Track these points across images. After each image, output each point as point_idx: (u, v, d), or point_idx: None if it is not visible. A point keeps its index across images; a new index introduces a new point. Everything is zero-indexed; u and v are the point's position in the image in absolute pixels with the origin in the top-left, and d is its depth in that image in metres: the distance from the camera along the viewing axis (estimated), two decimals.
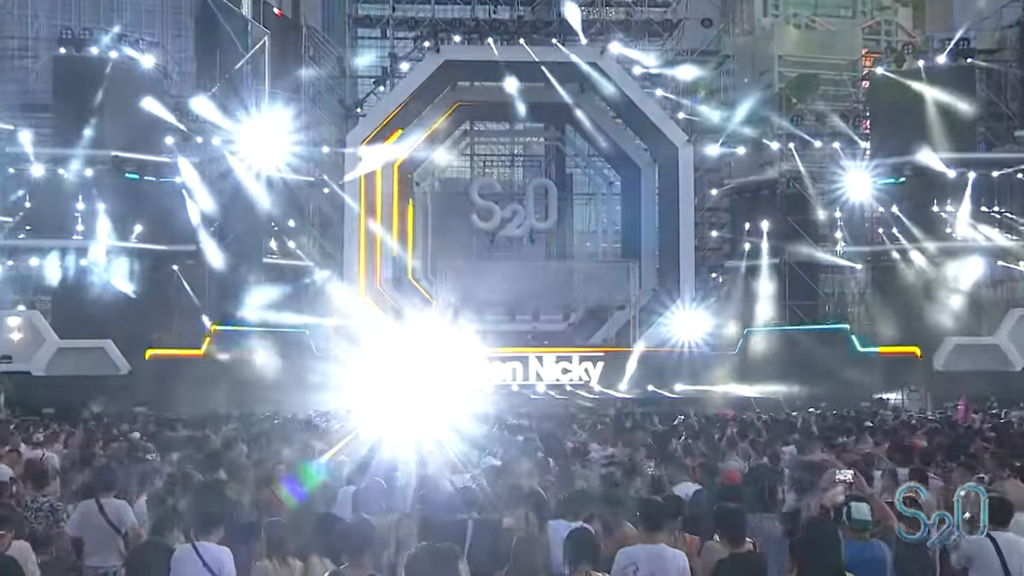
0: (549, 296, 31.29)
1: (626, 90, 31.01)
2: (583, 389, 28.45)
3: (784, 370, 27.50)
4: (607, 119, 33.81)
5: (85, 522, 7.71)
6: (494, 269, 31.36)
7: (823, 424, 16.64)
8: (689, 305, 30.53)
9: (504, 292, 30.15)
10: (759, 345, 29.15)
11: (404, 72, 32.25)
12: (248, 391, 25.58)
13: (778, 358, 28.19)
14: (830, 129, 31.37)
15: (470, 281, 30.22)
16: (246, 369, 25.89)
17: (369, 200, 31.08)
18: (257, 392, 25.12)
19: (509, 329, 31.88)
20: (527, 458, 9.54)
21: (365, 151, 30.47)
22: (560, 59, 30.83)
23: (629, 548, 5.78)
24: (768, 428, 15.28)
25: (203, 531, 5.98)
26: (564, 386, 28.55)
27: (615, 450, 11.57)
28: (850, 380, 26.42)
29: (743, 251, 31.39)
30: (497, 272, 30.89)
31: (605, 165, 37.45)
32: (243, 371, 25.86)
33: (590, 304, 32.46)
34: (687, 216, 31.50)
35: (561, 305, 32.64)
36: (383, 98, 32.55)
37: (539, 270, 32.52)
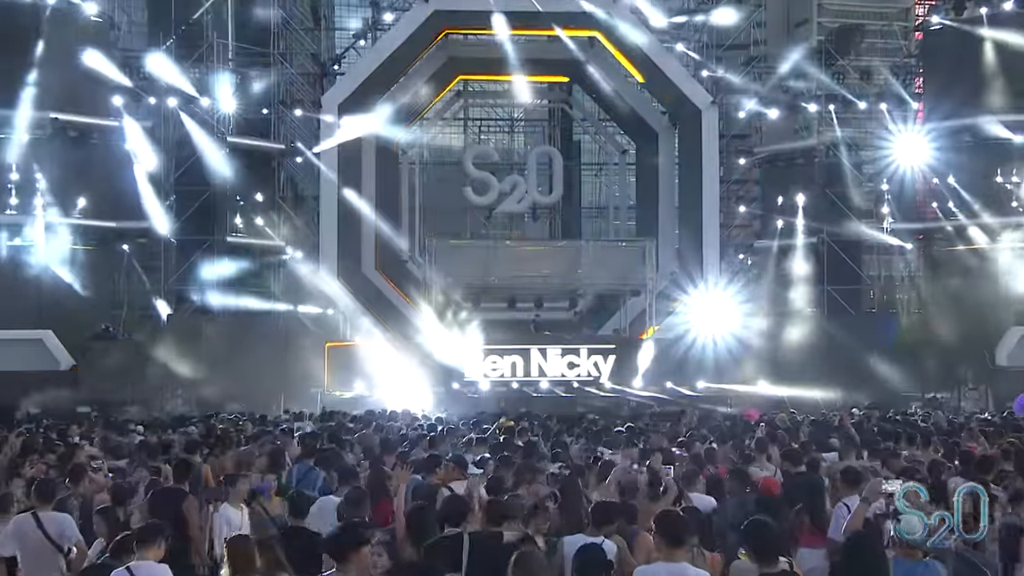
0: (554, 281, 31.13)
1: (642, 44, 30.88)
2: (592, 386, 28.47)
3: (822, 365, 27.47)
4: (620, 77, 33.62)
5: (20, 539, 7.64)
6: (491, 250, 31.25)
7: (867, 427, 16.65)
8: (713, 291, 30.43)
9: (502, 276, 30.13)
10: (794, 336, 29.05)
11: (388, 24, 32.08)
12: (211, 388, 25.71)
13: (815, 351, 28.12)
14: (877, 88, 31.28)
15: (463, 264, 30.15)
16: (207, 364, 25.88)
17: (348, 171, 30.96)
18: (221, 389, 25.19)
19: (508, 318, 31.80)
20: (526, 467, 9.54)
21: (343, 115, 30.37)
22: (567, 8, 30.68)
23: (647, 567, 5.85)
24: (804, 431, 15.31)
25: (143, 545, 5.97)
26: (571, 382, 28.55)
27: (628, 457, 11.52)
28: (898, 376, 26.48)
29: (775, 229, 31.35)
30: (494, 253, 30.80)
31: (617, 130, 37.23)
32: (204, 366, 25.86)
33: (600, 290, 32.35)
34: (711, 189, 31.41)
35: (567, 291, 32.53)
36: (364, 54, 32.40)
37: (542, 251, 32.38)
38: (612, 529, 6.89)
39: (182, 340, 26.60)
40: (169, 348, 26.35)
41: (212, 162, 28.73)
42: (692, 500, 8.66)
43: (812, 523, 8.21)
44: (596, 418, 20.20)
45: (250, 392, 25.12)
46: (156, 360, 25.86)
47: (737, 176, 34.16)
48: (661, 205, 33.76)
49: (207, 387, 25.63)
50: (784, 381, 27.56)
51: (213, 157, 28.78)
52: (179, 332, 27.10)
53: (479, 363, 28.08)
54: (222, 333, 27.12)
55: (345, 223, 30.87)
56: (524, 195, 34.18)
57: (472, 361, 27.83)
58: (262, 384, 25.54)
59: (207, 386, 25.62)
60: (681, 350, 29.30)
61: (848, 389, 26.28)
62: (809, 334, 28.74)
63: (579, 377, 28.75)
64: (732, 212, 34.31)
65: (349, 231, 31.18)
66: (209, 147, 28.79)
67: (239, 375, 25.22)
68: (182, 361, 26.14)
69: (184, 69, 28.70)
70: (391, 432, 15.73)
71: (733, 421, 19.17)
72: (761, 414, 20.80)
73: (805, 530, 8.22)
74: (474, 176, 33.79)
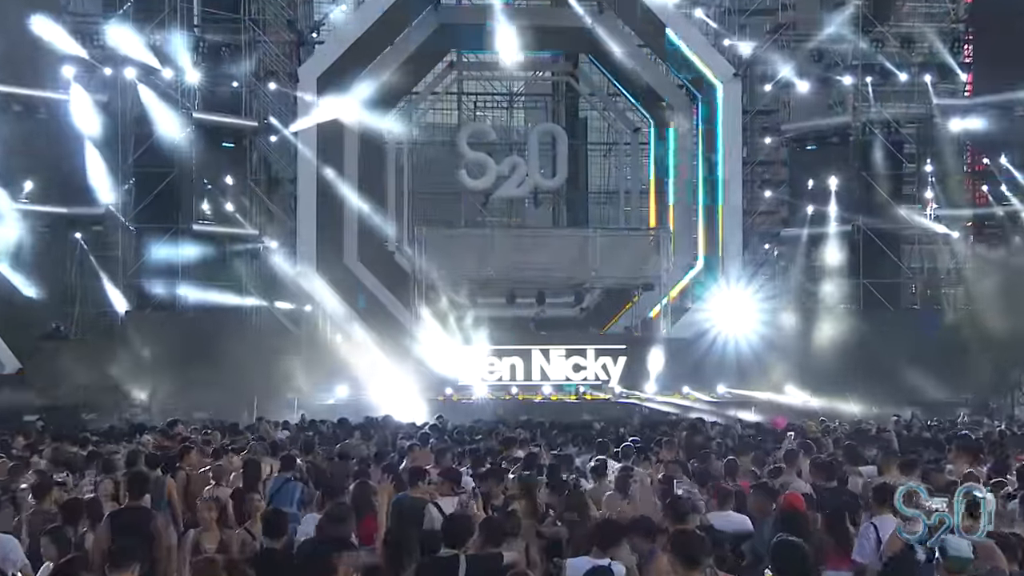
0: (558, 274, 31.15)
1: (657, 8, 30.77)
2: (601, 391, 28.56)
3: (857, 368, 27.45)
4: (633, 47, 33.54)
5: None
6: (488, 239, 31.23)
7: (908, 436, 16.62)
8: (735, 285, 30.52)
9: (500, 269, 30.15)
10: (825, 336, 28.99)
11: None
12: (175, 394, 25.76)
13: (850, 352, 28.02)
14: (920, 58, 31.10)
15: (457, 255, 30.19)
16: (170, 367, 25.87)
17: (329, 151, 30.92)
18: (185, 395, 25.23)
19: (507, 315, 31.84)
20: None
21: (323, 89, 30.28)
22: None
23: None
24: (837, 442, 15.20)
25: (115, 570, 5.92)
26: (576, 387, 28.62)
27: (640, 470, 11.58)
28: (944, 381, 26.48)
29: (805, 216, 31.24)
30: (491, 243, 30.77)
31: (629, 106, 37.18)
32: (166, 369, 25.87)
33: (609, 284, 32.46)
34: (734, 171, 31.42)
35: (573, 285, 32.54)
36: (345, 20, 32.30)
37: (545, 241, 32.34)
38: (621, 550, 6.88)
39: (142, 340, 26.56)
40: (127, 349, 26.36)
41: (176, 141, 28.67)
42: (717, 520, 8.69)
43: (838, 544, 8.20)
44: (605, 426, 20.22)
45: (218, 398, 25.03)
46: (113, 362, 25.78)
47: (762, 157, 33.99)
48: (677, 189, 33.79)
49: (170, 393, 25.63)
50: (815, 386, 27.66)
51: (177, 135, 28.70)
52: (139, 331, 27.03)
53: (474, 366, 28.01)
54: (187, 332, 27.07)
55: (325, 209, 30.78)
56: (525, 178, 34.17)
57: (466, 364, 27.75)
58: (232, 389, 25.46)
59: (170, 391, 25.62)
60: (700, 351, 29.38)
61: (887, 394, 26.23)
62: (843, 333, 28.66)
63: (586, 381, 28.92)
64: (757, 197, 34.16)
65: (329, 218, 31.10)
66: (172, 124, 28.66)
67: (206, 379, 25.08)
68: (142, 363, 26.12)
69: (144, 36, 28.49)
70: (379, 440, 15.69)
71: (758, 430, 19.16)
72: (789, 423, 20.75)
73: (831, 552, 8.22)
74: (469, 157, 33.74)
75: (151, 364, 26.15)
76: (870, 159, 30.41)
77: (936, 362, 26.70)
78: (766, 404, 26.79)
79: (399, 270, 33.28)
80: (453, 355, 27.48)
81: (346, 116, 31.29)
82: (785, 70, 31.33)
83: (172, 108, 28.80)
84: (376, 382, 26.58)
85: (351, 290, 31.11)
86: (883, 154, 30.25)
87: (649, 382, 28.24)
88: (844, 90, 31.26)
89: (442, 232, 31.38)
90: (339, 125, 31.19)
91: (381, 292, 32.22)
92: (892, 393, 26.28)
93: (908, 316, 31.06)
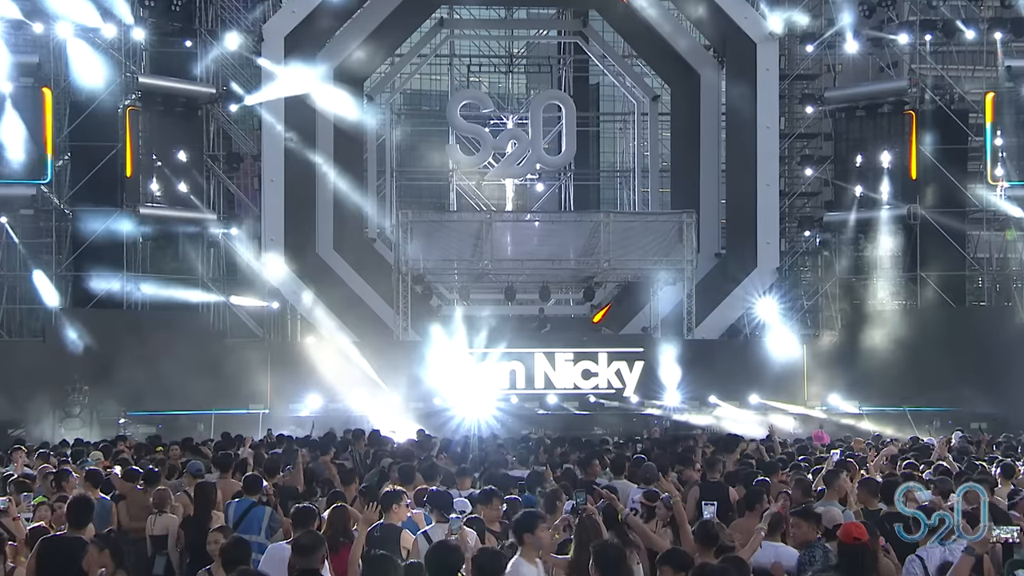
0: (564, 265, 30.94)
1: None
2: (614, 400, 28.47)
3: (914, 374, 27.36)
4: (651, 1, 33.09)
5: None
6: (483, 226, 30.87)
7: (978, 453, 16.60)
8: (771, 277, 30.40)
9: (498, 260, 30.04)
10: (876, 338, 28.80)
11: None
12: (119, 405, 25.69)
13: (905, 356, 27.86)
14: (988, 12, 30.90)
15: (447, 243, 30.02)
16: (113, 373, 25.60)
17: (299, 123, 30.76)
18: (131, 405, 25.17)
19: (506, 313, 31.77)
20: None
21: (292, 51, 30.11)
22: None
23: None
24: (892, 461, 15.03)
25: None
26: (586, 396, 28.49)
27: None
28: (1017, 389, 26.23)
29: (852, 197, 31.10)
30: (487, 230, 30.44)
31: (647, 71, 37.10)
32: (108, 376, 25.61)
33: (624, 276, 32.26)
34: (768, 145, 31.26)
35: (582, 278, 32.34)
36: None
37: (549, 227, 32.17)
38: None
39: (79, 341, 26.37)
40: (63, 352, 26.15)
41: (118, 109, 28.41)
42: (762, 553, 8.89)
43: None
44: (619, 440, 20.20)
45: (168, 409, 25.11)
46: (46, 367, 25.63)
47: (803, 128, 33.84)
48: (703, 167, 33.56)
49: (113, 404, 25.44)
50: (864, 395, 27.66)
51: (120, 103, 28.43)
52: (77, 331, 26.75)
53: (468, 372, 27.79)
54: (133, 333, 26.89)
55: (295, 190, 30.66)
56: (526, 154, 34.09)
57: (459, 369, 27.54)
58: (185, 399, 25.51)
59: (113, 402, 25.41)
60: (729, 355, 29.43)
61: (948, 405, 26.24)
62: (897, 334, 28.54)
63: (597, 390, 28.75)
64: (796, 176, 34.04)
65: (300, 201, 30.97)
66: (115, 91, 28.41)
67: (155, 388, 25.11)
68: (79, 369, 25.96)
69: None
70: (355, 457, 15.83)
71: (802, 447, 18.96)
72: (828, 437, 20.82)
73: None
74: (462, 130, 33.76)
75: (90, 370, 25.97)
76: (929, 131, 30.25)
77: (1006, 368, 26.61)
78: (807, 416, 26.95)
79: (380, 261, 33.21)
80: (441, 359, 27.22)
81: (318, 83, 31.01)
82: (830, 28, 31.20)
83: (114, 71, 28.49)
84: (351, 390, 26.52)
85: (325, 284, 30.86)
86: (945, 125, 30.10)
87: (670, 391, 27.95)
88: (899, 50, 31.03)
89: (430, 217, 31.20)
90: (310, 93, 30.90)
91: (359, 286, 32.01)
92: (954, 403, 26.27)
93: (974, 315, 30.95)
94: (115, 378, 25.47)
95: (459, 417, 25.11)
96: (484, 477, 13.08)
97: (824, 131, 33.96)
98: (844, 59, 32.48)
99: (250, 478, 11.85)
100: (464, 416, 25.11)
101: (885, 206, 30.51)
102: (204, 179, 30.68)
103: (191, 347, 26.35)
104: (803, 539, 9.01)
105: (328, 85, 31.54)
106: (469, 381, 27.43)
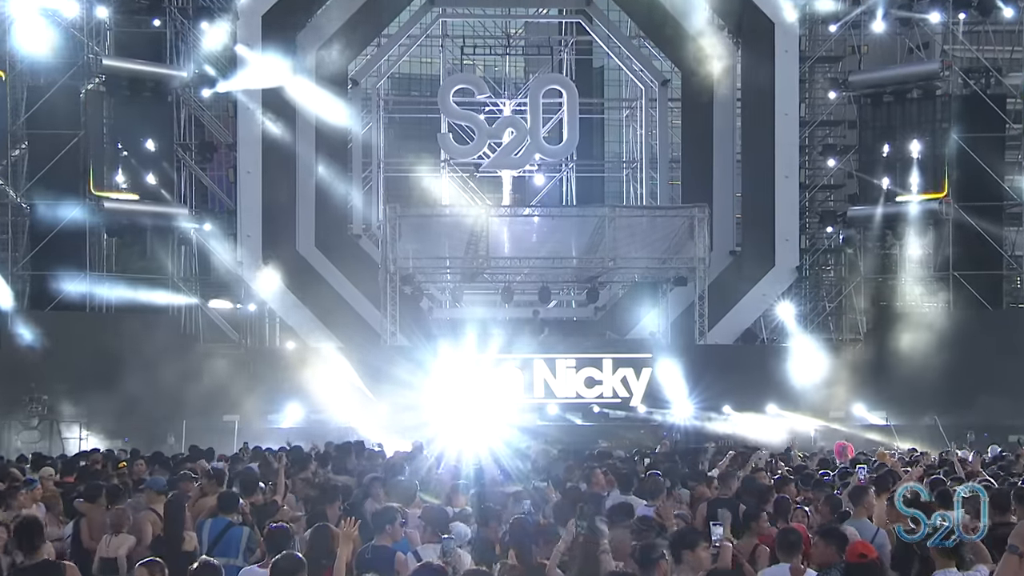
0: (566, 264, 31.01)
1: None
2: (620, 410, 28.42)
3: (946, 382, 27.31)
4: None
5: None
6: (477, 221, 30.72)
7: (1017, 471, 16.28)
8: (789, 277, 30.48)
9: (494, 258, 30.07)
10: (905, 342, 28.73)
11: None
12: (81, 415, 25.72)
13: (936, 362, 27.75)
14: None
15: (438, 240, 29.99)
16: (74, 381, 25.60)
17: (278, 109, 30.77)
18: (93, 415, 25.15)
19: (502, 316, 31.96)
20: None
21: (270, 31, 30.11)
22: None
23: None
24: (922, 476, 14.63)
25: None
26: (590, 406, 28.46)
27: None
28: None
29: (879, 191, 31.10)
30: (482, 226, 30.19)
31: (656, 53, 37.12)
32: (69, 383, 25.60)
33: (630, 276, 32.35)
34: (788, 134, 31.30)
35: (585, 278, 32.32)
36: None
37: (549, 222, 32.16)
38: None
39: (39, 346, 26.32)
40: (20, 358, 26.08)
41: (81, 95, 28.37)
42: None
43: None
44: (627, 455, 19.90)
45: (136, 420, 24.94)
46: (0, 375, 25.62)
47: (825, 115, 33.83)
48: (717, 158, 33.61)
49: (74, 414, 25.42)
50: (891, 406, 27.62)
51: (82, 87, 28.37)
52: (35, 335, 26.68)
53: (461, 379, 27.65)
54: (97, 337, 26.97)
55: (273, 183, 30.67)
56: (524, 144, 34.16)
57: (451, 376, 27.47)
58: (153, 409, 25.48)
59: (74, 413, 25.38)
60: (744, 362, 29.46)
61: (984, 416, 26.09)
62: (927, 339, 28.41)
63: (601, 399, 28.68)
64: (817, 167, 34.10)
65: (279, 194, 31.01)
66: (76, 73, 28.37)
67: (120, 396, 25.00)
68: (37, 376, 25.92)
69: None
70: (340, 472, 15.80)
71: (824, 460, 19.02)
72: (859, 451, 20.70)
73: None
74: (454, 117, 33.81)
75: (49, 377, 25.94)
76: (963, 118, 30.21)
77: None
78: (828, 427, 26.96)
79: (366, 259, 33.32)
80: (431, 365, 27.27)
81: (301, 64, 31.22)
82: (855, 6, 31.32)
83: (76, 52, 28.48)
84: (334, 398, 26.52)
85: (307, 284, 30.93)
86: (980, 111, 30.04)
87: (680, 401, 27.87)
88: (930, 30, 31.06)
89: (420, 212, 31.14)
90: (290, 77, 30.98)
91: (343, 287, 32.13)
92: (990, 416, 26.15)
93: (1011, 318, 30.96)
94: (77, 387, 25.52)
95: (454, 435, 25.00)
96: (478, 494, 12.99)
97: (848, 118, 34.00)
98: (870, 40, 32.53)
99: (225, 495, 11.74)
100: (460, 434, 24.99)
101: (915, 199, 30.47)
102: (174, 170, 30.67)
103: (160, 353, 26.25)
104: (823, 561, 9.00)
105: (310, 69, 31.67)
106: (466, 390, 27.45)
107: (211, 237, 30.44)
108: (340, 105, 33.51)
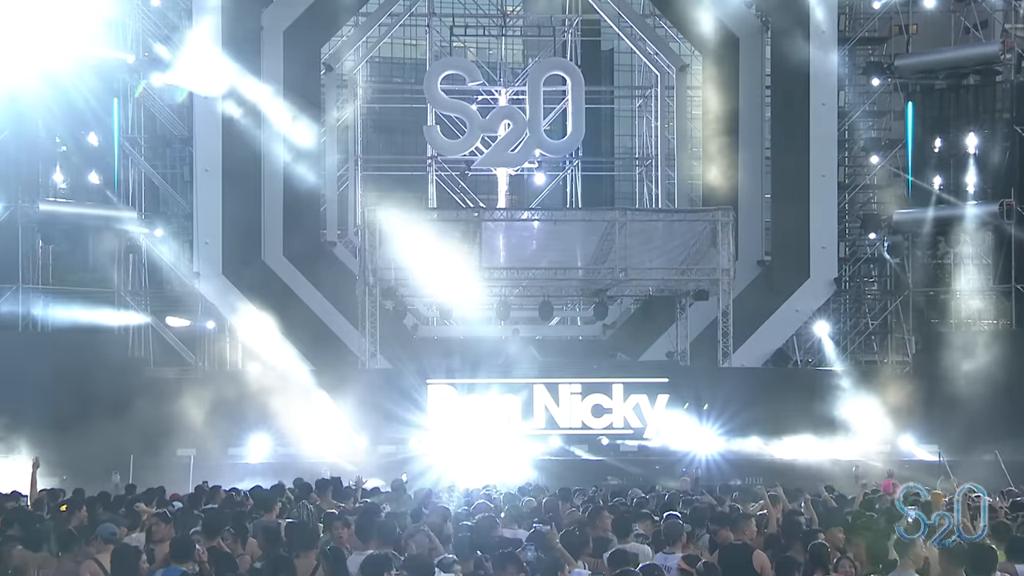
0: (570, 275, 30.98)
1: None
2: (633, 442, 28.54)
3: (1010, 410, 27.40)
4: None
5: None
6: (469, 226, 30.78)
7: None
8: (827, 290, 30.75)
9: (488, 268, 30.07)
10: (960, 364, 28.76)
11: None
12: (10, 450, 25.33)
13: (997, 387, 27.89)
14: None
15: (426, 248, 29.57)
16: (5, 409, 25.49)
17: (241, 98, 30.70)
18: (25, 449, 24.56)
19: (497, 335, 31.97)
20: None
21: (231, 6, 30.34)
22: None
23: None
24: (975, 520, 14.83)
25: None
26: (598, 439, 28.51)
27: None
28: None
29: (930, 192, 31.17)
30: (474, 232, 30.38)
31: (673, 35, 37.27)
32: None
33: (644, 289, 32.42)
34: (824, 127, 31.51)
35: (592, 291, 32.22)
36: None
37: (552, 227, 32.00)
38: None
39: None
40: None
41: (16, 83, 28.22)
42: None
43: None
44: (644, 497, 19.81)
45: (78, 456, 24.64)
46: None
47: (867, 106, 33.88)
48: (742, 154, 33.70)
49: (4, 447, 25.17)
50: (943, 438, 27.55)
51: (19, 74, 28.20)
52: None
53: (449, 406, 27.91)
54: (32, 359, 26.96)
55: (235, 182, 30.82)
56: (522, 138, 34.13)
57: (438, 405, 27.64)
58: (98, 443, 25.17)
59: (4, 446, 25.16)
60: (775, 387, 29.55)
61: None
62: (985, 362, 28.49)
63: (611, 429, 28.76)
64: (859, 165, 34.19)
65: (242, 195, 31.11)
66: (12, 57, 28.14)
67: (59, 428, 24.98)
68: None
69: None
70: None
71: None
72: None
73: None
74: (443, 107, 33.84)
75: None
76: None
77: None
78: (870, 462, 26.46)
79: (342, 270, 33.49)
80: (415, 392, 27.50)
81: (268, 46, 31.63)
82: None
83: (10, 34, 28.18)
84: (309, 432, 26.61)
85: (273, 298, 30.82)
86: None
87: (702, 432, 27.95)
88: (988, 7, 31.22)
89: (403, 216, 30.82)
90: (256, 57, 31.26)
91: (316, 301, 32.19)
92: None
93: None
94: (9, 416, 25.33)
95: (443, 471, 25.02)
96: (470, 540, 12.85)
97: (894, 108, 34.08)
98: (920, 18, 32.68)
99: (179, 541, 11.59)
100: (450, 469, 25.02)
101: (971, 202, 30.59)
102: (121, 168, 30.62)
103: (104, 378, 26.38)
104: None
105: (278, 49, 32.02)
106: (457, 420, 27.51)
107: (163, 244, 30.49)
108: (312, 93, 33.54)
